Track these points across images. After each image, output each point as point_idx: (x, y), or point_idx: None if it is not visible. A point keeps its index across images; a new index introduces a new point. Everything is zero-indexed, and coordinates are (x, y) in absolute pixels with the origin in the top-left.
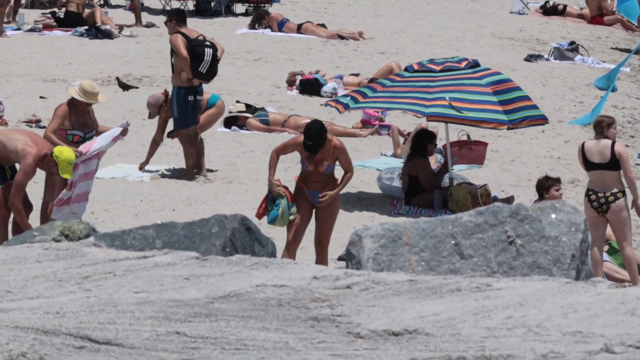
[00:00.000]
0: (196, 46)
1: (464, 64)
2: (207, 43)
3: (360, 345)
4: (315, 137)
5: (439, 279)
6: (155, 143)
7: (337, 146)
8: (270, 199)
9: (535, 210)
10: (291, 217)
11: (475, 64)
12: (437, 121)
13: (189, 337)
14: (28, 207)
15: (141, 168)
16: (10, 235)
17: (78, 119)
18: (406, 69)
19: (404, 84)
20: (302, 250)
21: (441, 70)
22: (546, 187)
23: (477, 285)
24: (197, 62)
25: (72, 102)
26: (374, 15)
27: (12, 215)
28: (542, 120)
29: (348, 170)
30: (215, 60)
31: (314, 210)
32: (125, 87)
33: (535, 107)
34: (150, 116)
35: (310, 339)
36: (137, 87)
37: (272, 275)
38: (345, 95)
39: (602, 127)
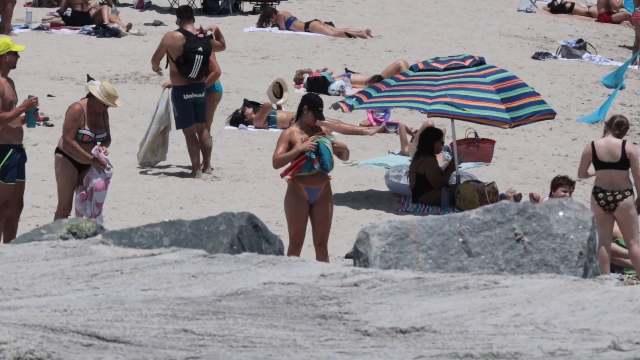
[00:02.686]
0: (188, 51)
1: (468, 62)
2: (199, 49)
3: (367, 343)
4: (321, 103)
5: (446, 276)
6: None
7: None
8: (309, 156)
9: (542, 208)
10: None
11: (480, 62)
12: (438, 116)
13: (196, 334)
14: (19, 206)
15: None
16: None
17: (91, 119)
18: (411, 68)
19: (408, 82)
20: (310, 247)
21: (445, 69)
22: (554, 185)
23: (484, 282)
24: (187, 69)
25: (90, 102)
26: (381, 14)
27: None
28: (550, 114)
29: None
30: (205, 63)
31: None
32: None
33: (542, 102)
34: None
35: (318, 336)
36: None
37: (280, 272)
38: (352, 97)
39: (622, 129)
